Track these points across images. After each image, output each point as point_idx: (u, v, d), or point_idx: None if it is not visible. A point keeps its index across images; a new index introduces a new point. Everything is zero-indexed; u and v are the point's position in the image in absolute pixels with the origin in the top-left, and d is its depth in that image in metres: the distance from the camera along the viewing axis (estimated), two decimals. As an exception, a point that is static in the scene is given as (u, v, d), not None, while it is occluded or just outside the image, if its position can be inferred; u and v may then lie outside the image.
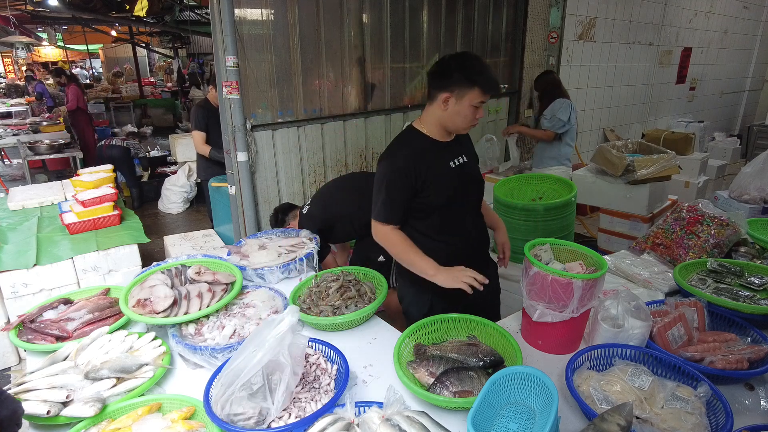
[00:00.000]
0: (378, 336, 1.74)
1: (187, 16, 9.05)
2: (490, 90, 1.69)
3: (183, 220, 5.79)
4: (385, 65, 3.91)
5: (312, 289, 1.92)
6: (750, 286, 1.84)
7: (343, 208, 2.65)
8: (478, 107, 1.71)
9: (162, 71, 16.39)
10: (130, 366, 1.43)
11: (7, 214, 3.43)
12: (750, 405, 1.37)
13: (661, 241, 2.34)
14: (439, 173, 1.79)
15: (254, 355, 1.23)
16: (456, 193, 1.83)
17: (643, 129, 6.81)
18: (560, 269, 1.59)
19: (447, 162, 1.82)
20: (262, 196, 3.41)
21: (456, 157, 1.84)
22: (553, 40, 5.11)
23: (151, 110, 11.43)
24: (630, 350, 1.47)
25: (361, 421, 1.20)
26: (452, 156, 1.84)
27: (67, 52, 15.64)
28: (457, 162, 1.84)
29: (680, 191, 5.18)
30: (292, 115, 3.44)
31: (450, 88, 1.69)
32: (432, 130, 1.81)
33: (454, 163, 1.83)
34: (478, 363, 1.41)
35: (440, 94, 1.71)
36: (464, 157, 1.87)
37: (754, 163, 3.34)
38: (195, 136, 4.06)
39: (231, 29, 2.86)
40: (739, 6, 8.08)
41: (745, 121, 9.06)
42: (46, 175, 6.53)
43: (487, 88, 1.68)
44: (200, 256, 2.15)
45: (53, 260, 2.75)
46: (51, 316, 1.78)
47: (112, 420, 1.28)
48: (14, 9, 7.85)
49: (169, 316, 1.67)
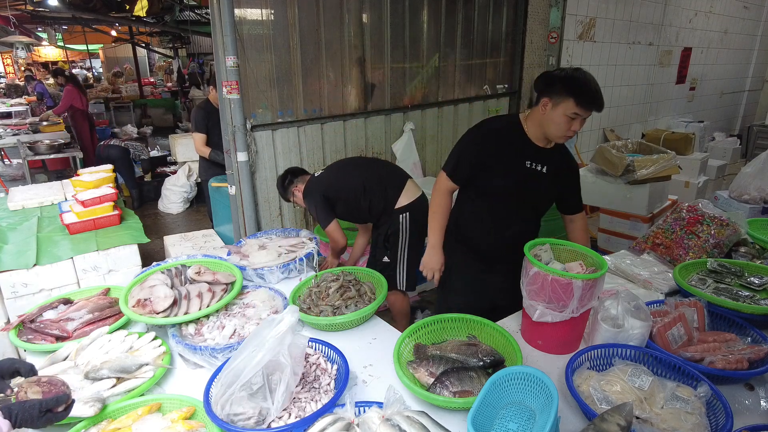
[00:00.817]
0: (378, 336, 1.74)
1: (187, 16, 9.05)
2: (584, 104, 1.73)
3: (183, 220, 5.79)
4: (385, 65, 3.91)
5: (312, 289, 1.92)
6: (750, 286, 1.84)
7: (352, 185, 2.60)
8: (574, 118, 1.75)
9: (162, 71, 16.39)
10: (130, 366, 1.43)
11: (7, 214, 3.43)
12: (750, 405, 1.37)
13: (661, 241, 2.33)
14: (508, 165, 1.90)
15: (254, 355, 1.23)
16: (513, 189, 1.93)
17: (643, 129, 6.81)
18: (560, 269, 1.59)
19: (523, 160, 1.89)
20: (262, 196, 3.41)
21: (536, 163, 1.90)
22: (553, 40, 5.11)
23: (151, 110, 11.44)
24: (630, 350, 1.47)
25: (361, 421, 1.20)
26: (532, 159, 1.90)
27: (67, 52, 15.62)
28: (534, 166, 1.90)
29: (680, 191, 5.18)
30: (292, 115, 3.45)
31: (549, 94, 1.77)
32: (530, 129, 1.90)
33: (529, 165, 1.90)
34: (478, 363, 1.41)
35: (542, 98, 1.80)
36: (544, 167, 1.91)
37: (754, 163, 3.34)
38: (195, 138, 4.06)
39: (231, 29, 2.86)
40: (739, 6, 8.08)
41: (745, 121, 9.05)
42: (46, 175, 6.52)
43: (581, 101, 1.72)
44: (200, 256, 2.15)
45: (53, 260, 2.75)
46: (51, 316, 1.78)
47: (112, 420, 1.28)
48: (14, 9, 7.85)
49: (169, 316, 1.67)
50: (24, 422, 1.02)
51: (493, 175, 1.92)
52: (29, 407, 1.03)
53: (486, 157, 1.91)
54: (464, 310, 1.70)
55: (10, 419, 0.99)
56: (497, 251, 2.06)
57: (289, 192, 2.75)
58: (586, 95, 1.72)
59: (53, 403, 1.07)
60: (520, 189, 1.93)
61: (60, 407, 1.09)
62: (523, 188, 1.93)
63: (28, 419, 1.02)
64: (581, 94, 1.72)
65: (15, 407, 1.01)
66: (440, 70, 4.34)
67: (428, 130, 4.38)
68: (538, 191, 1.96)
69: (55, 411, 1.08)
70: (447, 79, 4.45)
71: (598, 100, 1.74)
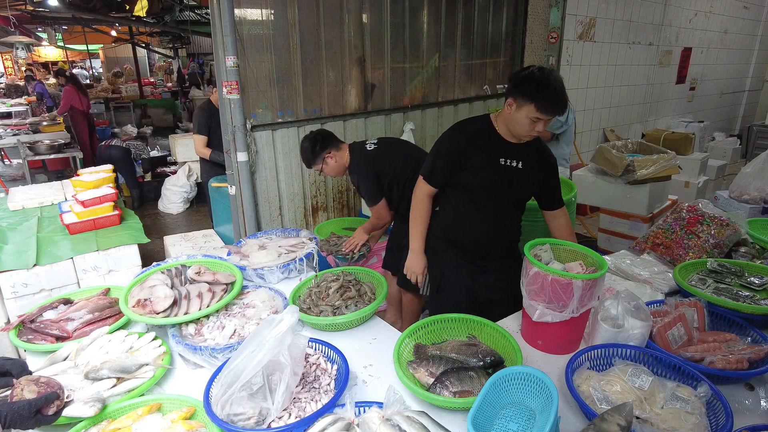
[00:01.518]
0: (378, 336, 1.74)
1: (187, 16, 9.06)
2: (545, 110, 1.74)
3: (183, 220, 5.80)
4: (385, 65, 3.91)
5: (312, 289, 1.92)
6: (750, 286, 1.84)
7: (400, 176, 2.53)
8: (536, 121, 1.77)
9: (162, 71, 16.39)
10: (130, 366, 1.43)
11: (7, 214, 3.43)
12: (750, 405, 1.37)
13: (661, 241, 2.33)
14: (482, 164, 1.94)
15: (254, 355, 1.23)
16: (491, 187, 1.97)
17: (643, 129, 6.81)
18: (560, 269, 1.59)
19: (497, 158, 1.93)
20: (262, 196, 3.41)
21: (510, 159, 1.94)
22: (553, 40, 5.11)
23: (151, 110, 11.44)
24: (630, 350, 1.47)
25: (361, 421, 1.20)
26: (506, 156, 1.94)
27: (67, 52, 15.63)
28: (508, 163, 1.94)
29: (680, 191, 5.18)
30: (292, 115, 3.45)
31: (514, 95, 1.80)
32: (500, 126, 1.95)
33: (503, 161, 1.93)
34: (478, 363, 1.41)
35: (508, 97, 1.83)
36: (519, 163, 1.94)
37: (754, 163, 3.33)
38: (195, 139, 4.05)
39: (231, 29, 2.86)
40: (739, 6, 8.08)
41: (745, 121, 9.05)
42: (46, 175, 6.52)
43: (541, 107, 1.73)
44: (200, 256, 2.15)
45: (53, 260, 2.75)
46: (51, 316, 1.78)
47: (112, 420, 1.28)
48: (14, 9, 7.85)
49: (169, 316, 1.67)
50: (14, 423, 1.01)
51: (470, 174, 1.96)
52: (18, 408, 1.02)
53: (460, 157, 1.95)
54: (461, 308, 1.71)
55: (0, 420, 0.99)
56: (485, 248, 2.09)
57: (320, 159, 2.56)
58: (546, 101, 1.72)
59: (42, 402, 1.06)
60: (497, 186, 1.97)
61: (50, 409, 1.08)
62: (501, 185, 1.97)
63: (18, 420, 1.01)
64: (541, 99, 1.72)
65: (4, 408, 1.00)
66: (440, 70, 4.34)
67: (428, 130, 4.38)
68: (517, 186, 1.99)
69: (45, 413, 1.07)
70: (447, 79, 4.45)
71: (558, 106, 1.75)
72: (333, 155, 2.57)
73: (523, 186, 2.00)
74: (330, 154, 2.56)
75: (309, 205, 3.68)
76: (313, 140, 2.57)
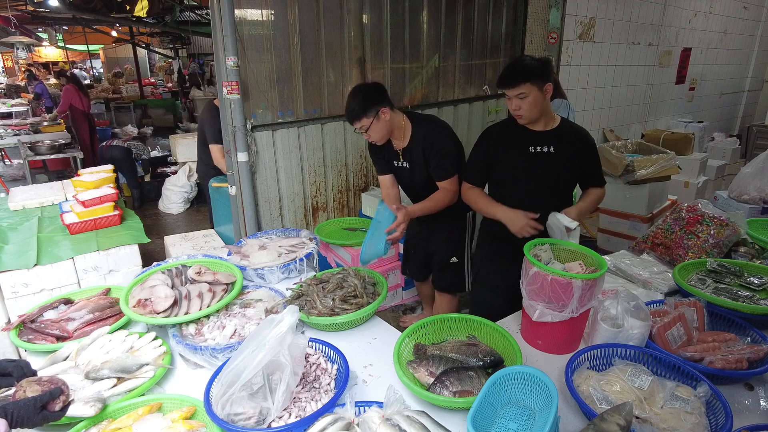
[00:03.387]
0: (378, 336, 1.75)
1: (188, 17, 9.07)
2: (500, 85, 2.03)
3: (183, 220, 5.80)
4: (385, 65, 3.91)
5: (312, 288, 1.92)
6: (749, 286, 1.85)
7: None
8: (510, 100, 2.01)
9: (162, 71, 16.40)
10: (131, 366, 1.43)
11: (7, 214, 3.43)
12: (750, 405, 1.37)
13: (661, 241, 2.34)
14: (513, 154, 2.10)
15: (254, 355, 1.23)
16: (523, 177, 2.10)
17: (642, 129, 6.80)
18: (560, 269, 1.60)
19: (526, 146, 2.08)
20: (263, 197, 3.41)
21: (540, 146, 2.07)
22: (552, 40, 5.11)
23: (151, 110, 11.44)
24: (630, 350, 1.47)
25: (361, 421, 1.20)
26: (536, 143, 2.07)
27: (68, 53, 15.63)
28: (539, 149, 2.06)
29: (680, 191, 5.18)
30: (293, 116, 3.45)
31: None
32: None
33: (533, 149, 2.07)
34: (478, 363, 1.42)
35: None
36: (551, 148, 2.06)
37: (753, 163, 3.34)
38: (214, 150, 3.65)
39: (231, 30, 2.86)
40: (738, 6, 8.08)
41: (745, 122, 9.05)
42: (47, 176, 6.53)
43: (498, 83, 2.04)
44: (200, 256, 2.15)
45: (54, 260, 2.75)
46: (51, 316, 1.79)
47: (112, 420, 1.29)
48: (14, 9, 7.85)
49: (169, 316, 1.68)
50: (20, 420, 1.01)
51: (503, 167, 2.13)
52: (24, 405, 1.02)
53: (493, 152, 2.14)
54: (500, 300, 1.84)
55: (6, 418, 0.99)
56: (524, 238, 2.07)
57: (374, 111, 2.22)
58: (500, 77, 2.00)
59: (47, 398, 1.06)
60: (530, 173, 2.08)
61: (56, 405, 1.08)
62: (533, 172, 2.08)
63: (24, 417, 1.02)
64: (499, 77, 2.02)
65: (10, 406, 1.01)
66: (440, 71, 4.34)
67: (428, 131, 4.37)
68: (550, 171, 2.07)
69: (51, 409, 1.08)
70: (447, 79, 4.45)
71: (503, 78, 1.98)
72: (387, 111, 2.25)
73: (557, 170, 2.07)
74: (385, 109, 2.24)
75: (309, 205, 3.69)
76: (372, 88, 2.27)
